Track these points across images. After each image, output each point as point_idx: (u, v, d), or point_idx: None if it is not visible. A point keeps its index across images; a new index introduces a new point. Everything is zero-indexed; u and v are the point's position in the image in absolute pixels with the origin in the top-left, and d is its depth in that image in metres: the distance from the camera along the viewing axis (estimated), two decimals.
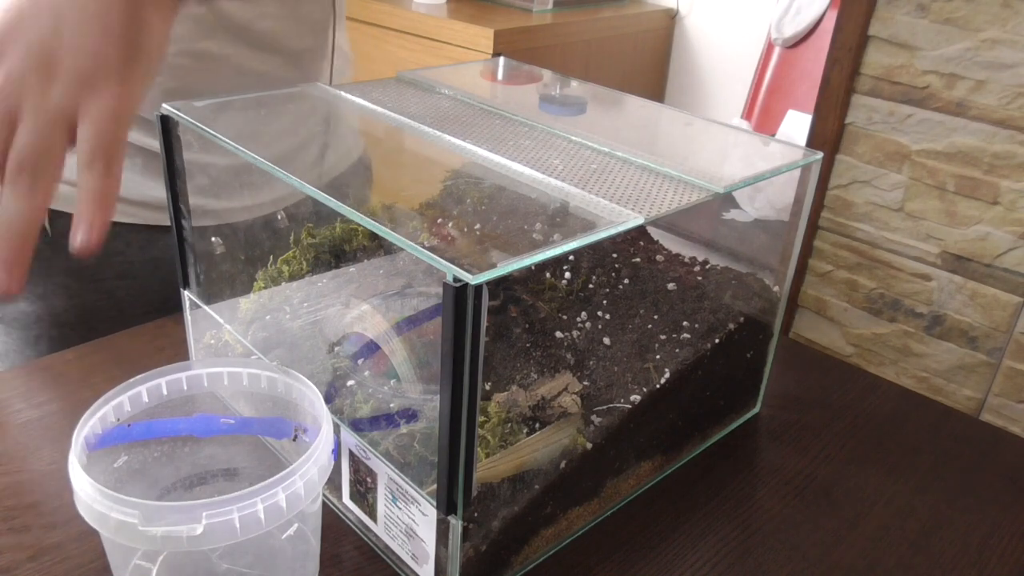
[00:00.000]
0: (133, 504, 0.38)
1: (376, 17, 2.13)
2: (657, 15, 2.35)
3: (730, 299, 0.62)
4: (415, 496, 0.46)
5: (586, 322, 0.57)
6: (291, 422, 0.50)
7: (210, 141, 0.55)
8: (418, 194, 0.66)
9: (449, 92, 0.69)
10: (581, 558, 0.53)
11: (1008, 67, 1.19)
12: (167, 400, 0.49)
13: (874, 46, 1.32)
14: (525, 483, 0.48)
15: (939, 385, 1.38)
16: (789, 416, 0.68)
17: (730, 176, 0.54)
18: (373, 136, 0.86)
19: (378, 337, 0.53)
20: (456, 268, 0.37)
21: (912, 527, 0.57)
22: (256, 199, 0.78)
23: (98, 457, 0.46)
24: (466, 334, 0.38)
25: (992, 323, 1.29)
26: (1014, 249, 1.25)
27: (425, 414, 0.48)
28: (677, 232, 0.67)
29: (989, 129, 1.23)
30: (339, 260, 0.64)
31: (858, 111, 1.36)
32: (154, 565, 0.47)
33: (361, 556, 0.52)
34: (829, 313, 1.49)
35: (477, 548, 0.47)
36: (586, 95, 0.77)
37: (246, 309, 0.63)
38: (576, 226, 0.48)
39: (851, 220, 1.41)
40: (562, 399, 0.51)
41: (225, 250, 0.66)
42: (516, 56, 1.74)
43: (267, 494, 0.40)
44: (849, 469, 0.62)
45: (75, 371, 0.67)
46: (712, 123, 0.69)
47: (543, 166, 0.54)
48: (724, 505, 0.58)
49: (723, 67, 2.34)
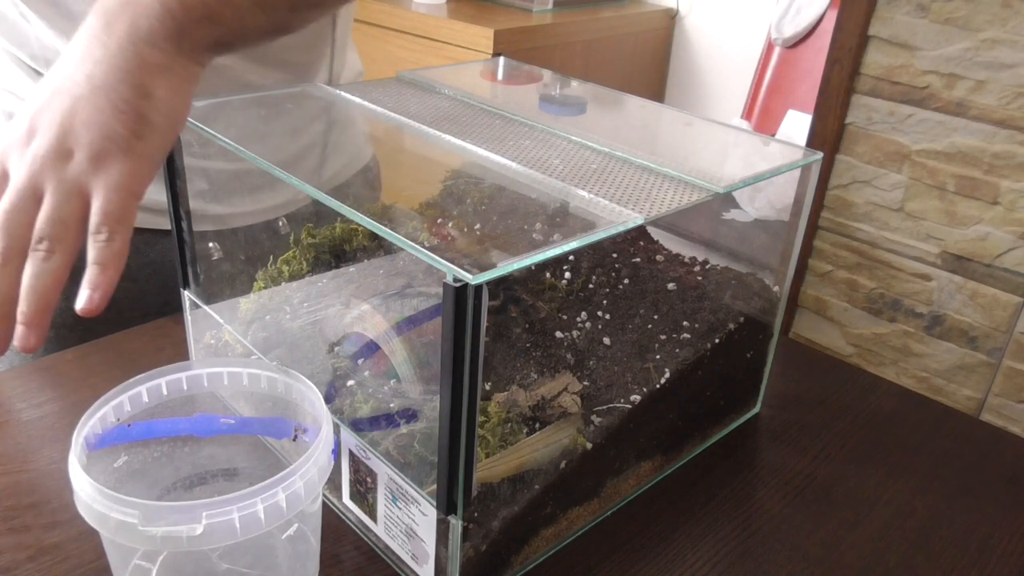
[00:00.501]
0: (133, 504, 0.38)
1: (376, 17, 2.13)
2: (657, 15, 2.35)
3: (730, 299, 0.62)
4: (415, 496, 0.46)
5: (586, 322, 0.57)
6: (291, 422, 0.50)
7: (211, 142, 0.55)
8: (418, 194, 0.66)
9: (449, 92, 0.69)
10: (581, 558, 0.53)
11: (1008, 67, 1.19)
12: (167, 400, 0.49)
13: (874, 46, 1.32)
14: (525, 483, 0.48)
15: (939, 385, 1.38)
16: (789, 416, 0.68)
17: (730, 176, 0.54)
18: (373, 136, 0.86)
19: (378, 337, 0.53)
20: (456, 268, 0.37)
21: (912, 527, 0.57)
22: (258, 204, 0.78)
23: (98, 457, 0.46)
24: (466, 334, 0.38)
25: (992, 323, 1.29)
26: (1014, 249, 1.25)
27: (425, 414, 0.48)
28: (677, 232, 0.67)
29: (989, 129, 1.23)
30: (339, 260, 0.64)
31: (858, 111, 1.36)
32: (154, 565, 0.47)
33: (361, 556, 0.52)
34: (829, 313, 1.49)
35: (477, 548, 0.47)
36: (586, 95, 0.77)
37: (246, 309, 0.63)
38: (576, 226, 0.48)
39: (851, 220, 1.41)
40: (562, 399, 0.51)
41: (223, 255, 0.66)
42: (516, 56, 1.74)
43: (267, 494, 0.40)
44: (849, 469, 0.62)
45: (75, 371, 0.67)
46: (712, 123, 0.69)
47: (543, 166, 0.54)
48: (724, 505, 0.58)
49: (723, 67, 2.34)
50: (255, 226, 0.74)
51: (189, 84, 0.50)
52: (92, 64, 0.47)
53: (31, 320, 0.45)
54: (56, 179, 0.46)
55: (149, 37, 0.48)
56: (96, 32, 0.48)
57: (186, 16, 0.48)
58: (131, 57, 0.47)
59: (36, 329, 0.45)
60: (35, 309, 0.45)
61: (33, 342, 0.45)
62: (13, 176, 0.47)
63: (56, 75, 0.49)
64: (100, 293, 0.46)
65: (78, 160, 0.46)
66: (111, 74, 0.47)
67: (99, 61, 0.47)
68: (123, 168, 0.47)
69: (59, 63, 0.49)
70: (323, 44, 0.80)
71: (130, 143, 0.47)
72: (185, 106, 0.50)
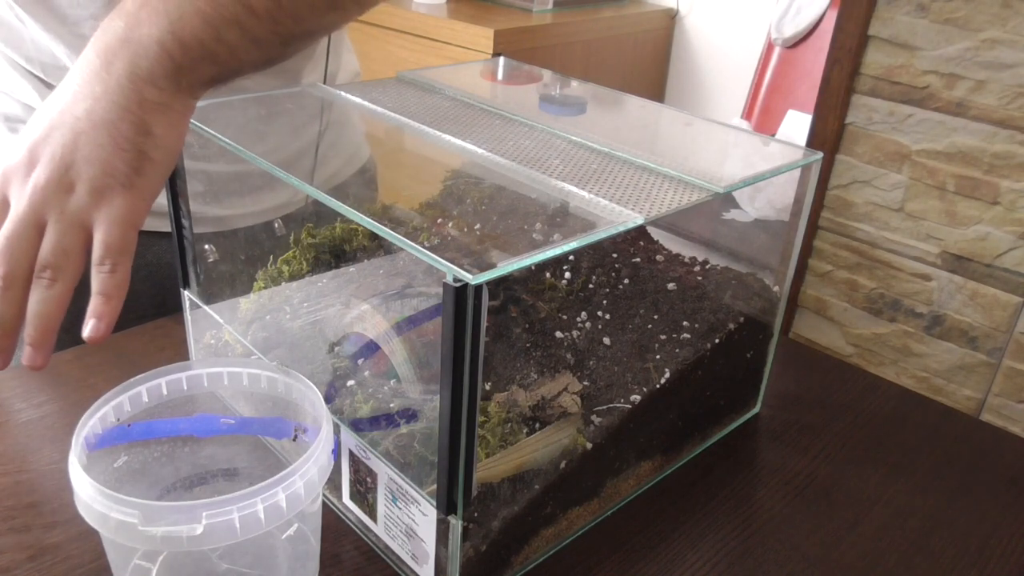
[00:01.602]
0: (133, 504, 0.38)
1: (376, 17, 2.13)
2: (657, 15, 2.35)
3: (730, 299, 0.62)
4: (415, 496, 0.46)
5: (586, 322, 0.57)
6: (291, 422, 0.50)
7: (211, 143, 0.55)
8: (418, 194, 0.66)
9: (449, 92, 0.69)
10: (581, 558, 0.53)
11: (1008, 67, 1.19)
12: (167, 400, 0.49)
13: (874, 46, 1.32)
14: (525, 483, 0.48)
15: (939, 385, 1.38)
16: (789, 416, 0.68)
17: (730, 176, 0.54)
18: (373, 136, 0.86)
19: (378, 337, 0.53)
20: (456, 268, 0.37)
21: (912, 527, 0.57)
22: (257, 205, 0.78)
23: (98, 457, 0.46)
24: (466, 334, 0.38)
25: (992, 323, 1.29)
26: (1014, 249, 1.25)
27: (425, 414, 0.48)
28: (677, 232, 0.67)
29: (989, 129, 1.23)
30: (339, 260, 0.64)
31: (858, 111, 1.36)
32: (154, 565, 0.47)
33: (361, 556, 0.52)
34: (829, 313, 1.49)
35: (477, 548, 0.47)
36: (586, 95, 0.77)
37: (246, 309, 0.63)
38: (576, 226, 0.48)
39: (851, 220, 1.41)
40: (562, 399, 0.51)
41: (223, 255, 0.66)
42: (516, 56, 1.74)
43: (267, 494, 0.40)
44: (849, 469, 0.62)
45: (75, 371, 0.67)
46: (712, 123, 0.69)
47: (543, 166, 0.54)
48: (724, 505, 0.58)
49: (723, 67, 2.34)
50: (255, 226, 0.74)
51: (185, 118, 0.52)
52: (92, 100, 0.49)
53: (37, 341, 0.48)
54: (58, 211, 0.48)
55: (148, 76, 0.49)
56: (96, 69, 0.49)
57: (184, 57, 0.49)
58: (131, 95, 0.49)
59: (42, 349, 0.48)
60: (41, 331, 0.48)
61: (40, 361, 0.49)
62: (14, 205, 0.49)
63: (54, 107, 0.50)
64: (105, 322, 0.48)
65: (80, 194, 0.48)
66: (111, 111, 0.48)
67: (99, 97, 0.49)
68: (123, 202, 0.49)
69: (56, 96, 0.50)
70: (317, 46, 0.80)
71: (130, 179, 0.49)
72: (181, 139, 0.52)
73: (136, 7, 0.49)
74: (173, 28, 0.49)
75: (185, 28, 0.49)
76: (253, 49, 0.52)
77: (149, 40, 0.49)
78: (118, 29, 0.49)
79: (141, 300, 0.78)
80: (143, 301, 0.78)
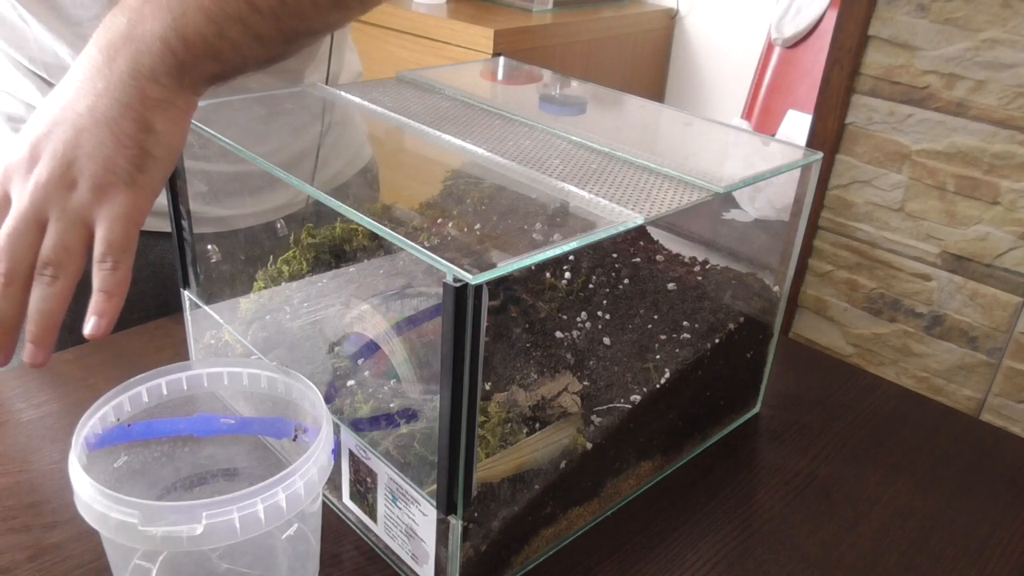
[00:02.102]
0: (133, 504, 0.38)
1: (376, 17, 2.13)
2: (657, 15, 2.35)
3: (730, 299, 0.62)
4: (415, 496, 0.46)
5: (586, 322, 0.57)
6: (291, 422, 0.50)
7: (211, 143, 0.55)
8: (418, 194, 0.66)
9: (449, 92, 0.69)
10: (581, 558, 0.53)
11: (1008, 67, 1.19)
12: (167, 400, 0.49)
13: (874, 46, 1.32)
14: (525, 483, 0.48)
15: (939, 385, 1.38)
16: (789, 416, 0.68)
17: (730, 176, 0.54)
18: (373, 136, 0.86)
19: (378, 337, 0.53)
20: (456, 268, 0.37)
21: (912, 527, 0.57)
22: (258, 206, 0.78)
23: (98, 457, 0.46)
24: (466, 334, 0.38)
25: (992, 323, 1.29)
26: (1014, 249, 1.25)
27: (425, 414, 0.48)
28: (677, 232, 0.67)
29: (989, 129, 1.23)
30: (339, 260, 0.64)
31: (858, 111, 1.36)
32: (154, 565, 0.47)
33: (361, 556, 0.52)
34: (829, 313, 1.49)
35: (477, 548, 0.47)
36: (586, 95, 0.77)
37: (246, 309, 0.63)
38: (576, 226, 0.48)
39: (851, 220, 1.41)
40: (562, 399, 0.51)
41: (223, 256, 0.66)
42: (516, 56, 1.74)
43: (267, 494, 0.40)
44: (849, 469, 0.62)
45: (75, 371, 0.67)
46: (712, 123, 0.69)
47: (543, 166, 0.54)
48: (724, 505, 0.58)
49: (723, 67, 2.34)
50: (255, 227, 0.74)
51: (188, 115, 0.52)
52: (94, 96, 0.48)
53: (38, 339, 0.48)
54: (60, 208, 0.48)
55: (151, 73, 0.49)
56: (98, 65, 0.49)
57: (187, 54, 0.49)
58: (133, 92, 0.48)
59: (43, 346, 0.48)
60: (42, 328, 0.48)
61: (41, 358, 0.48)
62: (15, 201, 0.48)
63: (56, 103, 0.50)
64: (106, 320, 0.48)
65: (81, 191, 0.48)
66: (113, 107, 0.48)
67: (101, 94, 0.48)
68: (125, 200, 0.48)
69: (57, 92, 0.50)
70: (320, 46, 0.80)
71: (132, 176, 0.48)
72: (183, 136, 0.52)
73: (139, 3, 0.49)
74: (176, 24, 0.48)
75: (188, 24, 0.48)
76: (256, 46, 0.52)
77: (152, 36, 0.48)
78: (121, 25, 0.49)
79: (144, 300, 0.78)
80: (146, 301, 0.78)
